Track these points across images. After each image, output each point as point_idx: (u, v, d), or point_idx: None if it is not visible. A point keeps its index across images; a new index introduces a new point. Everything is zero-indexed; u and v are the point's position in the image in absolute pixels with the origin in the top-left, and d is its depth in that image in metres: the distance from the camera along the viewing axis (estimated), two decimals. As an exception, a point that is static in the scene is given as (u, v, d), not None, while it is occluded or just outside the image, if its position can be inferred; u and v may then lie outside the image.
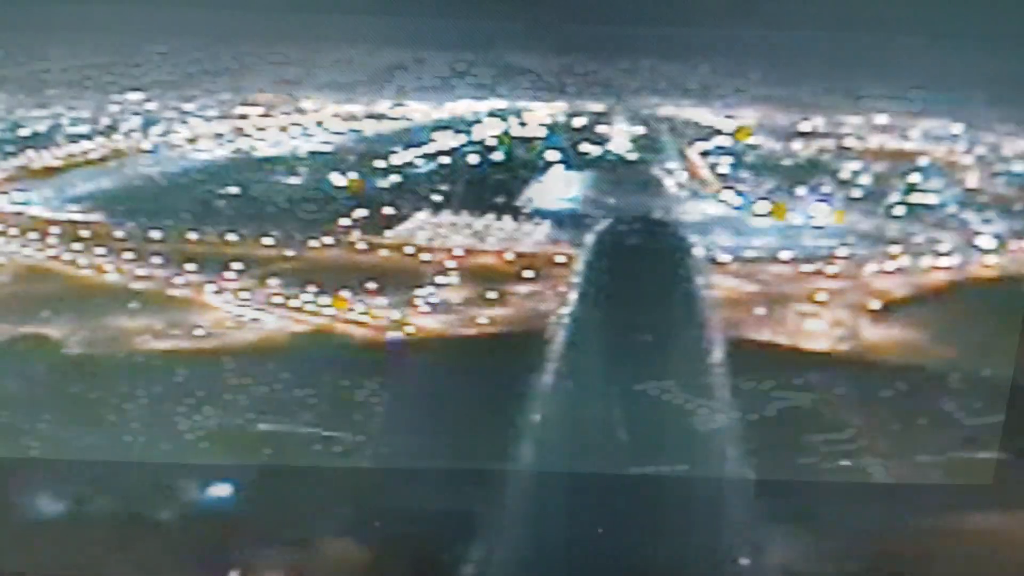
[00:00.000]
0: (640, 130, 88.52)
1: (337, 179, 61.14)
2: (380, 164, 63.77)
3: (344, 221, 56.79)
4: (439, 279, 51.57)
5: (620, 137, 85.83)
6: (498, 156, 72.55)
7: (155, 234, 53.87)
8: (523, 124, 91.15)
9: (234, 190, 60.26)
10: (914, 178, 60.59)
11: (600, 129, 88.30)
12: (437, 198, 59.96)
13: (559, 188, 63.15)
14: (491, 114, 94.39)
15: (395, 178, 62.71)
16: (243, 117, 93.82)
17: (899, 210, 59.79)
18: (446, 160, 70.15)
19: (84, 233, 51.39)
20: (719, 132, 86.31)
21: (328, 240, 56.49)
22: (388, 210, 58.92)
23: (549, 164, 71.47)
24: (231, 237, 56.27)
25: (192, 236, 55.79)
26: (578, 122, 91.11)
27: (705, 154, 77.42)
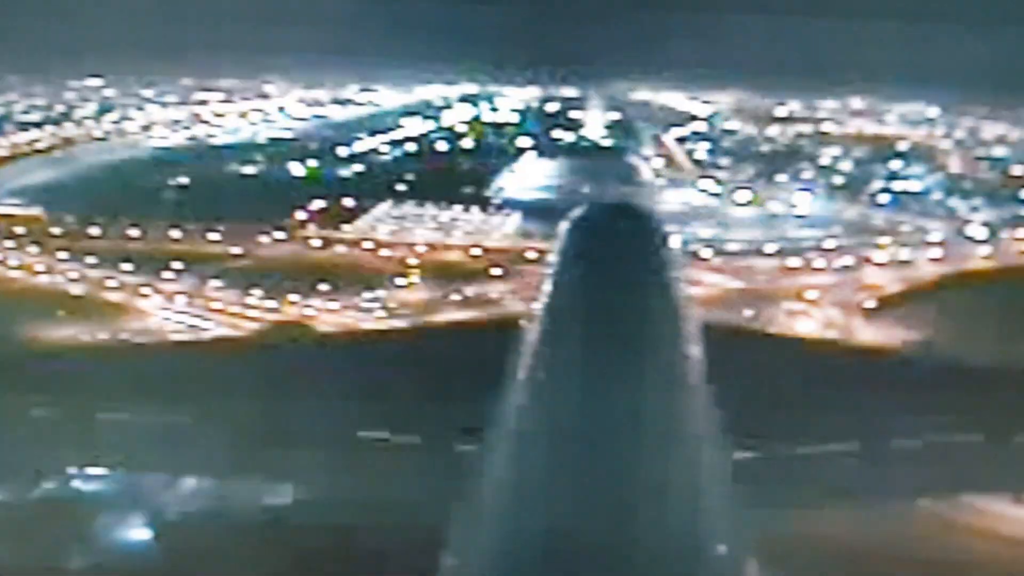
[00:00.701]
0: (615, 115, 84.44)
1: (296, 168, 57.40)
2: (343, 152, 60.31)
3: (300, 215, 52.15)
4: (399, 280, 47.24)
5: (594, 122, 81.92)
6: (468, 143, 69.34)
7: (94, 230, 49.10)
8: (495, 110, 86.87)
9: (184, 180, 56.05)
10: (895, 164, 58.52)
11: (574, 114, 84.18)
12: (401, 188, 56.32)
13: (531, 177, 60.64)
14: (462, 99, 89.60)
15: (358, 167, 59.14)
16: (203, 103, 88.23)
17: (883, 198, 56.90)
18: (413, 148, 66.66)
19: (19, 230, 47.42)
20: (695, 117, 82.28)
21: (280, 235, 51.01)
22: (348, 202, 54.87)
23: (521, 151, 68.39)
24: (174, 233, 50.56)
25: (133, 232, 50.38)
26: (551, 107, 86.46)
27: (681, 140, 74.60)
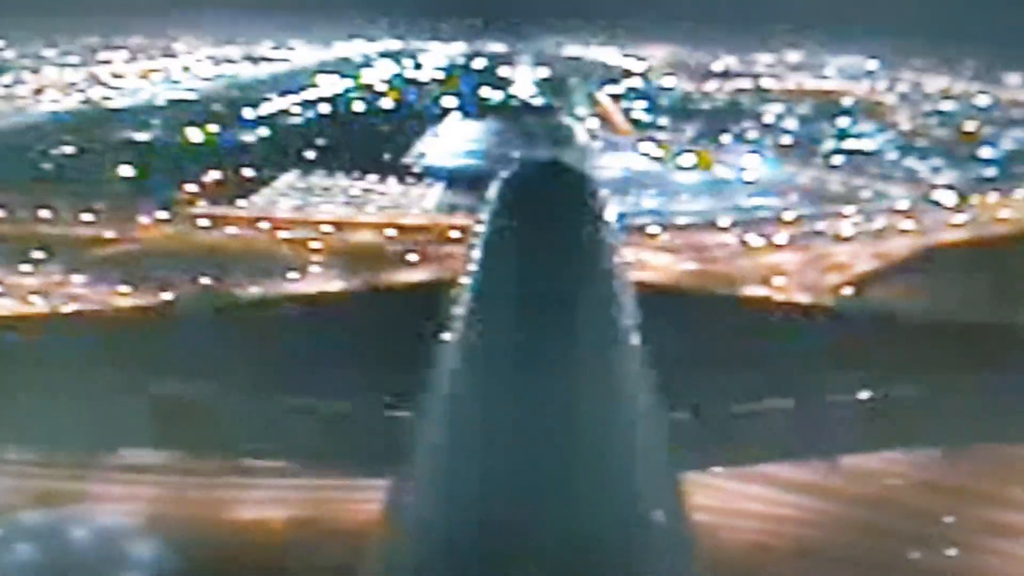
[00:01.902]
0: (545, 72, 78.92)
1: (194, 134, 51.39)
2: (248, 114, 54.38)
3: (191, 188, 45.39)
4: (293, 273, 41.06)
5: (524, 80, 76.47)
6: (387, 103, 63.74)
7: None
8: (418, 67, 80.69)
9: (69, 150, 49.76)
10: (843, 121, 54.58)
11: (502, 71, 78.46)
12: (310, 155, 50.62)
13: (456, 140, 55.83)
14: (383, 55, 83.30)
15: (264, 131, 53.22)
16: (105, 63, 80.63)
17: (837, 159, 51.80)
18: (326, 109, 60.93)
19: None
20: (630, 73, 77.08)
21: (163, 215, 43.57)
22: (248, 172, 48.64)
23: (445, 112, 63.19)
24: (44, 213, 43.45)
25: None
26: (478, 64, 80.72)
27: (616, 97, 69.72)
